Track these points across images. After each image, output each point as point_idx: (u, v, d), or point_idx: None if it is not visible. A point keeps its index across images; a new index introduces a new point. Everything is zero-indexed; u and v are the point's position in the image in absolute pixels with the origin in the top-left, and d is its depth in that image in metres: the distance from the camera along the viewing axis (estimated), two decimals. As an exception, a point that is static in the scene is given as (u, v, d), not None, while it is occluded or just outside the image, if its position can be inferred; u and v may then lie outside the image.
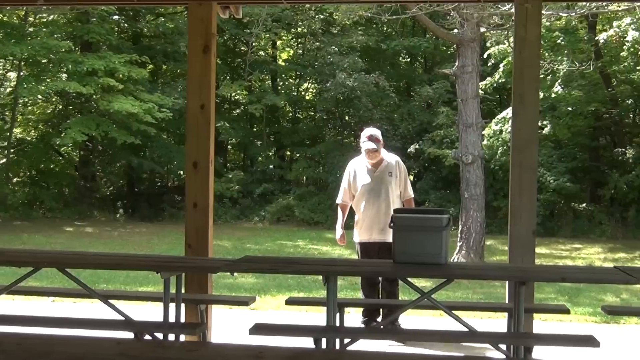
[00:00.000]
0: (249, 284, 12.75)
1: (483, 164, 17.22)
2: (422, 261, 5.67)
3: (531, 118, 6.66)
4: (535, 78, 6.72)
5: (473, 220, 16.49)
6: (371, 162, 8.15)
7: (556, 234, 22.40)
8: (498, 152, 21.94)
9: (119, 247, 18.17)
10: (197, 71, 7.06)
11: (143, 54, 24.98)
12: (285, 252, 17.99)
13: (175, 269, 6.02)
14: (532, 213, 6.62)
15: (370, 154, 8.11)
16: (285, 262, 6.53)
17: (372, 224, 8.08)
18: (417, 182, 26.61)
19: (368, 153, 8.10)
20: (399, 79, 30.08)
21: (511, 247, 6.63)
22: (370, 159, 8.13)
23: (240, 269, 6.05)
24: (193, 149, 7.05)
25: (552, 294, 12.42)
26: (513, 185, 6.64)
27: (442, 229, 5.69)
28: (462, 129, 16.75)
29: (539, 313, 7.99)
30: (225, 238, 20.28)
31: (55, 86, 23.18)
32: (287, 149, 29.67)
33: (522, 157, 6.63)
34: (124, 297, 7.71)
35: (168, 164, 27.75)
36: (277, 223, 24.95)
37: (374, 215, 8.06)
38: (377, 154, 8.15)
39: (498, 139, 21.33)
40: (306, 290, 12.00)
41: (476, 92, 16.82)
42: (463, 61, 16.67)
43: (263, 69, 28.75)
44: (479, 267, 9.23)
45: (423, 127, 26.29)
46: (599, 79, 22.98)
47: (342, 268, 6.09)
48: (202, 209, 7.01)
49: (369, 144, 8.08)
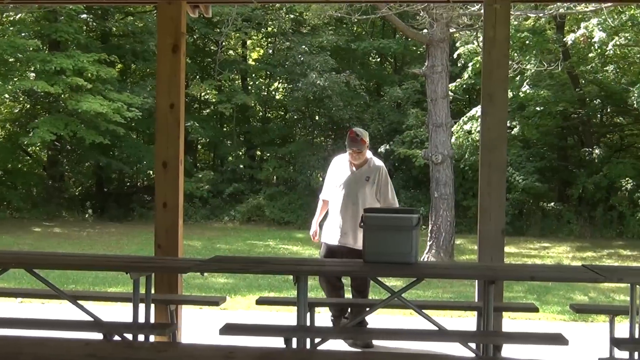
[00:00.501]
0: (219, 284, 12.72)
1: (453, 163, 17.31)
2: (392, 260, 5.69)
3: (500, 118, 6.70)
4: (504, 78, 6.76)
5: (443, 219, 16.56)
6: (354, 163, 7.90)
7: (525, 233, 22.56)
8: (467, 152, 22.04)
9: (87, 248, 18.04)
10: (167, 70, 7.03)
11: (112, 53, 24.79)
12: (255, 252, 17.95)
13: (145, 269, 5.99)
14: (501, 212, 6.66)
15: (353, 155, 7.84)
16: (255, 262, 6.52)
17: (336, 226, 7.81)
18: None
19: (351, 153, 7.85)
20: (369, 79, 30.13)
21: (480, 246, 6.67)
22: (352, 159, 7.88)
23: (210, 269, 6.03)
24: (162, 148, 7.02)
25: (521, 292, 12.51)
26: (482, 185, 6.68)
27: (412, 229, 5.71)
28: (432, 128, 16.82)
29: (508, 311, 8.04)
30: (195, 238, 20.20)
31: (23, 85, 22.93)
32: (258, 149, 29.62)
33: (491, 157, 6.66)
34: (93, 298, 7.66)
35: (137, 163, 27.59)
36: (248, 223, 24.90)
37: (340, 218, 7.79)
38: (360, 155, 7.85)
39: (467, 139, 21.43)
40: (277, 290, 12.00)
41: (446, 92, 16.90)
42: (432, 61, 16.74)
43: (233, 69, 28.67)
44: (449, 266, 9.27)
45: (393, 128, 26.35)
46: (567, 80, 23.19)
47: (313, 268, 6.09)
48: (171, 209, 6.98)
49: (353, 144, 7.80)
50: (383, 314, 9.25)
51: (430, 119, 16.89)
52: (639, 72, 21.50)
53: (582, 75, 23.26)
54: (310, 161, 26.11)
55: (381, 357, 3.54)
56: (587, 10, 17.69)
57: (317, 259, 7.10)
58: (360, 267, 5.97)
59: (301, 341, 5.71)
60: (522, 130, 22.51)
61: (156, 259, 6.73)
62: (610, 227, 22.40)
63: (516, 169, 23.01)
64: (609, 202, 22.72)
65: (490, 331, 5.72)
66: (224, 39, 25.61)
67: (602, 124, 26.06)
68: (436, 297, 11.86)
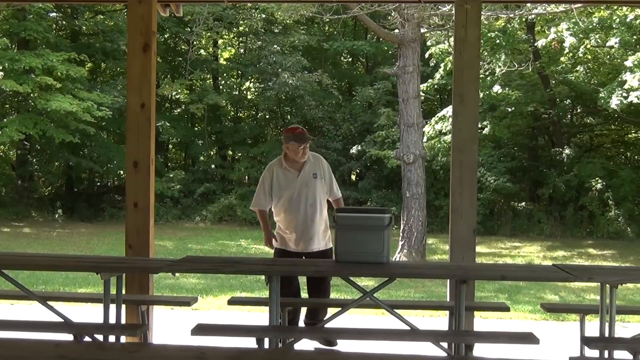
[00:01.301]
0: (190, 284, 12.67)
1: (424, 163, 17.36)
2: (364, 260, 5.70)
3: (471, 118, 6.73)
4: (475, 78, 6.79)
5: (414, 219, 16.62)
6: (299, 162, 7.21)
7: (496, 233, 22.70)
8: (439, 152, 22.14)
9: (57, 248, 17.91)
10: (137, 70, 6.99)
11: (82, 52, 24.65)
12: (227, 252, 17.92)
13: (116, 269, 5.96)
14: (473, 212, 6.69)
15: (300, 153, 7.13)
16: (227, 262, 6.50)
17: (299, 235, 7.21)
18: (359, 182, 26.73)
19: (298, 151, 7.13)
20: (341, 79, 30.18)
21: (452, 245, 6.69)
22: (299, 157, 7.16)
23: (181, 269, 6.00)
24: (133, 148, 6.98)
25: (493, 292, 12.58)
26: (454, 185, 6.71)
27: (384, 228, 5.73)
28: (404, 128, 16.86)
29: (480, 311, 8.08)
30: (166, 238, 20.13)
31: (-9, 84, 22.75)
32: (229, 149, 29.55)
33: (462, 157, 6.69)
34: (63, 299, 7.60)
35: (108, 163, 27.42)
36: (219, 223, 24.84)
37: (300, 225, 7.20)
38: (306, 151, 7.22)
39: (439, 139, 21.53)
40: (249, 290, 11.98)
41: (417, 92, 16.95)
42: (404, 61, 16.80)
43: (204, 68, 28.59)
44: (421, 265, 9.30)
45: (365, 128, 26.41)
46: (537, 80, 23.34)
47: (284, 268, 6.08)
48: (142, 209, 6.95)
49: (301, 139, 7.15)
50: (355, 313, 9.26)
51: (402, 119, 16.93)
52: (609, 72, 21.68)
53: (553, 76, 23.44)
54: (282, 161, 26.08)
55: (353, 358, 3.54)
56: (557, 11, 17.81)
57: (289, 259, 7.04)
58: (332, 267, 5.97)
59: (273, 341, 5.70)
60: (493, 131, 22.64)
61: (127, 259, 6.69)
62: (580, 226, 22.58)
63: (487, 169, 23.16)
64: (579, 202, 22.89)
65: (462, 330, 5.74)
66: (195, 38, 25.50)
67: (573, 124, 26.27)
68: (408, 297, 11.90)
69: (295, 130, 7.29)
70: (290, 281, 7.01)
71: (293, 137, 7.19)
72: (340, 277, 6.69)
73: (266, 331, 5.64)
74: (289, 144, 7.22)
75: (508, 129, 23.04)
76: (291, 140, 7.18)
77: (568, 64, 22.06)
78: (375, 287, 5.95)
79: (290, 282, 7.02)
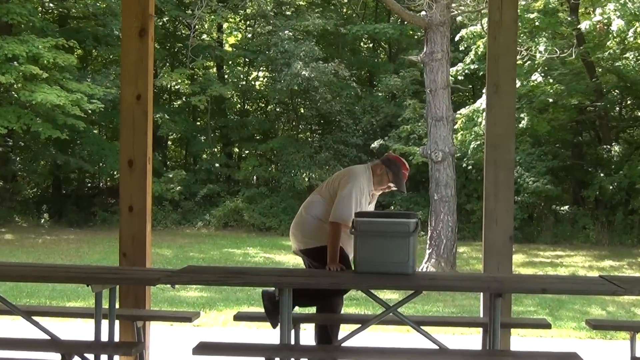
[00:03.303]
0: (192, 297, 12.69)
1: (454, 162, 17.31)
2: (387, 271, 5.69)
3: (507, 111, 6.70)
4: (511, 66, 6.75)
5: (444, 224, 16.58)
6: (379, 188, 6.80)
7: (536, 240, 22.62)
8: (471, 148, 22.04)
9: (43, 257, 17.97)
10: (133, 57, 7.00)
11: (71, 37, 24.70)
12: (233, 262, 17.93)
13: (108, 281, 5.97)
14: (509, 217, 6.67)
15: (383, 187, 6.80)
16: (233, 273, 6.50)
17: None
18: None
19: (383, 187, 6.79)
20: (361, 67, 30.18)
21: (486, 254, 6.66)
22: (379, 190, 6.82)
23: (182, 281, 6.00)
24: (128, 145, 6.99)
25: (532, 306, 12.54)
26: (488, 186, 6.68)
27: (409, 235, 5.71)
28: (431, 122, 16.83)
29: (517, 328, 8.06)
30: (165, 246, 20.17)
31: (-30, 74, 22.86)
32: (235, 145, 29.60)
33: (497, 155, 6.67)
34: (50, 314, 7.62)
35: (100, 162, 27.49)
36: (224, 229, 24.87)
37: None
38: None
39: (471, 133, 21.46)
40: (257, 305, 11.98)
41: (446, 81, 16.91)
42: (432, 47, 16.76)
43: (207, 55, 28.64)
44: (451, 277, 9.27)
45: (388, 121, 26.40)
46: (581, 68, 23.25)
47: (298, 279, 6.07)
48: (138, 213, 6.96)
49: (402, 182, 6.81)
50: (377, 330, 9.25)
51: (429, 112, 16.90)
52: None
53: (599, 63, 23.32)
54: (295, 159, 26.11)
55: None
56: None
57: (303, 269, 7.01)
58: (351, 278, 5.96)
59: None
60: (532, 125, 22.53)
61: (121, 269, 6.70)
62: (630, 233, 22.46)
63: (526, 169, 23.06)
64: (629, 206, 22.75)
65: (497, 350, 5.72)
66: (197, 22, 25.58)
67: (621, 118, 26.16)
68: (436, 312, 11.88)
69: (404, 167, 6.88)
70: (328, 294, 6.68)
71: (402, 174, 6.81)
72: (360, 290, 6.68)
73: (277, 350, 5.64)
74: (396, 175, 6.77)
75: (549, 124, 22.95)
76: (396, 175, 6.74)
77: (616, 50, 21.91)
78: (400, 301, 5.94)
79: (328, 295, 6.69)
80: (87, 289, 5.87)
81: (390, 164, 6.75)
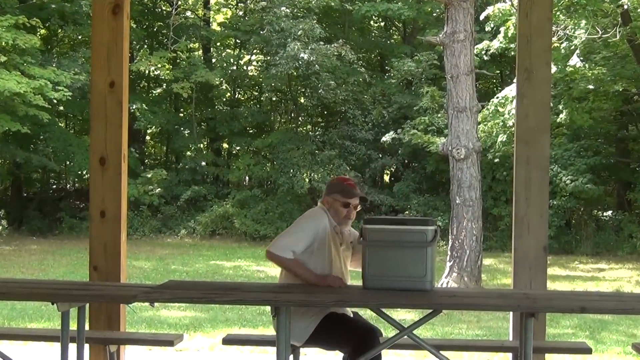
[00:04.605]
0: (174, 317, 12.70)
1: (480, 159, 17.30)
2: (401, 287, 5.69)
3: (541, 100, 6.70)
4: (546, 48, 6.75)
5: (467, 232, 16.57)
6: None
7: (574, 251, 22.62)
8: (499, 145, 22.03)
9: (1, 271, 17.99)
10: (105, 38, 7.01)
11: (33, 15, 24.72)
12: (222, 276, 17.95)
13: (77, 298, 5.97)
14: (543, 223, 6.67)
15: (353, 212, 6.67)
16: (222, 289, 6.50)
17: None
18: (394, 184, 26.70)
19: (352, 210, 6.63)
20: (370, 50, 30.19)
21: (516, 267, 6.67)
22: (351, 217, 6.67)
23: (162, 298, 6.00)
24: (100, 140, 7.00)
25: (570, 328, 12.54)
26: (518, 188, 6.68)
27: (427, 245, 5.71)
28: (453, 113, 16.81)
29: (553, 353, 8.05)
30: (142, 257, 20.18)
31: None
32: (224, 141, 29.63)
33: (529, 151, 6.67)
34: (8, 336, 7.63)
35: (66, 160, 27.54)
36: (212, 238, 24.89)
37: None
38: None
39: (499, 127, 21.45)
40: (250, 326, 11.99)
41: (470, 66, 16.88)
42: (453, 26, 16.74)
43: (192, 36, 28.66)
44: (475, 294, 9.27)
45: (402, 113, 26.42)
46: (627, 50, 23.22)
47: (297, 297, 6.07)
48: (111, 219, 6.97)
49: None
50: (390, 355, 9.25)
51: (451, 101, 16.89)
52: None
53: (648, 45, 23.33)
54: (293, 157, 26.12)
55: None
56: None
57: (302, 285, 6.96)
58: (359, 295, 5.96)
59: (282, 392, 5.70)
60: (569, 117, 22.53)
61: (91, 284, 6.71)
62: (686, 243, 22.49)
63: (562, 167, 23.05)
64: (684, 211, 22.81)
65: (529, 379, 5.73)
66: (180, -4, 25.61)
67: (674, 109, 26.19)
68: (458, 335, 11.88)
69: (349, 183, 6.72)
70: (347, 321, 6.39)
71: (349, 190, 6.63)
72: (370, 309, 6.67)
73: (273, 379, 5.64)
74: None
75: (589, 115, 22.92)
76: (346, 194, 6.58)
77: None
78: (416, 322, 5.94)
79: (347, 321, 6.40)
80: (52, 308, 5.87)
81: (330, 188, 6.60)
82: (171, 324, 12.06)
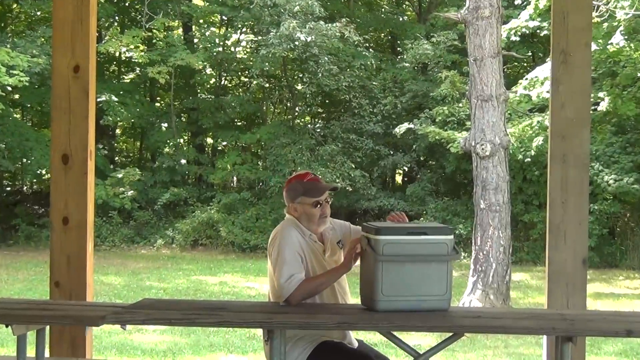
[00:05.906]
0: (150, 342, 12.72)
1: (508, 157, 17.30)
2: (415, 307, 5.69)
3: (580, 87, 6.70)
4: (586, 26, 6.75)
5: (493, 243, 16.59)
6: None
7: (619, 264, 22.63)
8: (531, 139, 22.03)
9: (-54, 287, 18.05)
10: (68, 14, 7.01)
11: (-17, -13, 24.83)
12: (205, 293, 17.97)
13: (35, 319, 5.97)
14: (582, 232, 6.67)
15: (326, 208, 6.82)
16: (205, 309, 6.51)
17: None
18: (407, 186, 26.71)
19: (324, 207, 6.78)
20: (379, 29, 30.24)
21: (551, 284, 6.67)
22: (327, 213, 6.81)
23: (135, 320, 6.01)
24: (62, 134, 7.00)
25: (614, 354, 12.56)
26: (553, 190, 6.68)
27: (447, 258, 5.71)
28: (476, 103, 16.82)
29: (594, 384, 8.08)
30: (112, 272, 20.20)
31: None
32: (208, 135, 29.67)
33: (566, 147, 6.67)
34: (-46, 365, 7.65)
35: (23, 157, 27.57)
36: (193, 248, 24.93)
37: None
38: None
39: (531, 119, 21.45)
40: (238, 352, 12.02)
41: (497, 47, 16.89)
42: (477, 1, 16.77)
43: (170, 12, 28.68)
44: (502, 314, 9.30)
45: (417, 102, 26.45)
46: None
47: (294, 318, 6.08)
48: (76, 227, 6.97)
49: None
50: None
51: (474, 89, 16.90)
52: None
53: None
54: (289, 154, 26.13)
55: None
56: None
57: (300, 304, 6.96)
58: (366, 317, 5.95)
59: None
60: (613, 106, 22.52)
61: (52, 303, 6.71)
62: None
63: (605, 165, 23.02)
64: None
65: (566, 414, 5.74)
66: (157, -35, 25.64)
67: None
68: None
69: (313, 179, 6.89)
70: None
71: (314, 187, 6.82)
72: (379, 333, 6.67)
73: (265, 415, 5.64)
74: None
75: (636, 104, 22.91)
76: (308, 191, 6.79)
77: None
78: (433, 348, 5.95)
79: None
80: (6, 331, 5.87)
81: (292, 192, 6.83)
82: (145, 350, 12.08)
